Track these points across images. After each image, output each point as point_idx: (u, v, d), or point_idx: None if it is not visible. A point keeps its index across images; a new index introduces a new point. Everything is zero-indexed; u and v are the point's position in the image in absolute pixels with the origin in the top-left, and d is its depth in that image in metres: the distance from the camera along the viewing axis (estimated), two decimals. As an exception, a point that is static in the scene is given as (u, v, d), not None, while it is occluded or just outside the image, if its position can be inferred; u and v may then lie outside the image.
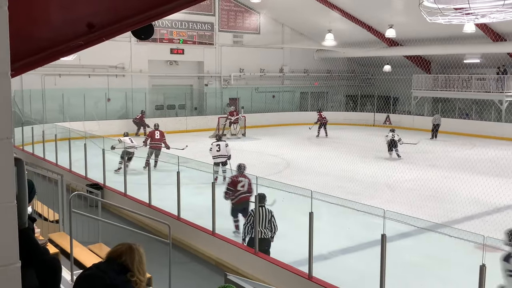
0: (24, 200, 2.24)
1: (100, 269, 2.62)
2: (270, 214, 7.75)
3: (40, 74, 22.22)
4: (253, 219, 7.63)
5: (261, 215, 7.64)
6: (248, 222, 7.84)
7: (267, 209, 7.77)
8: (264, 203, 7.84)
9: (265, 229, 7.69)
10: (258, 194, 7.77)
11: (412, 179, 13.96)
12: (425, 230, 7.58)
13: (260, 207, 7.68)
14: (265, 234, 7.70)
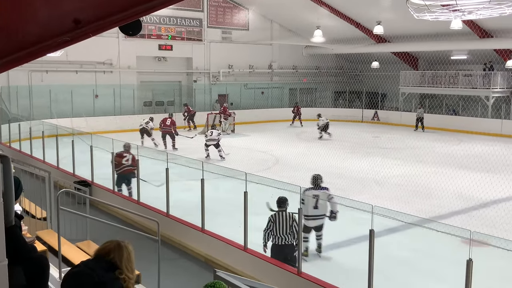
0: (10, 197, 2.22)
1: (88, 266, 2.61)
2: (291, 219, 7.24)
3: (27, 70, 22.00)
4: (273, 225, 7.22)
5: (281, 220, 7.22)
6: (268, 228, 7.33)
7: (288, 214, 7.30)
8: (286, 207, 7.36)
9: (286, 235, 7.21)
10: (279, 198, 7.35)
11: (400, 174, 14.06)
12: (413, 225, 7.64)
13: (281, 212, 7.29)
14: (287, 240, 7.23)
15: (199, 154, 16.52)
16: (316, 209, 8.24)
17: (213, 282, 3.00)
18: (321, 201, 8.21)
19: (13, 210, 2.36)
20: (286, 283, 6.82)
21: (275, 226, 7.19)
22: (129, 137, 19.67)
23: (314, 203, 8.23)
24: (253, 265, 7.59)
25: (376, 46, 27.93)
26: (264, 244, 7.39)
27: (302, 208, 7.70)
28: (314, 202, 8.23)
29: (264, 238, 7.38)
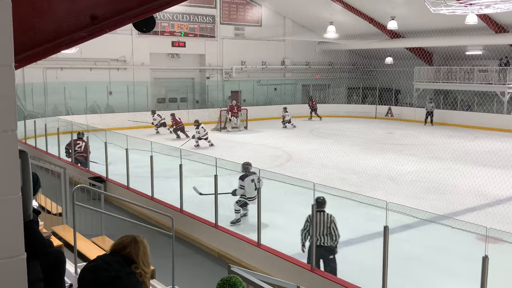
0: (28, 192, 2.25)
1: (105, 261, 2.63)
2: (330, 220, 7.10)
3: (42, 67, 22.21)
4: (310, 225, 7.10)
5: (319, 221, 7.05)
6: (305, 228, 7.22)
7: (327, 215, 7.14)
8: (324, 208, 7.22)
9: (323, 236, 7.05)
10: (317, 199, 7.16)
11: (414, 171, 13.97)
12: (427, 221, 7.59)
13: (319, 212, 7.09)
14: (324, 242, 7.05)
15: (212, 151, 16.57)
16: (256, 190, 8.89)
17: (228, 276, 3.01)
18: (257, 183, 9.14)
19: (31, 205, 2.38)
20: (299, 279, 6.82)
21: (312, 226, 7.04)
22: (143, 133, 19.81)
23: (254, 186, 9.32)
24: (266, 261, 7.60)
25: (390, 41, 27.71)
26: (302, 243, 7.28)
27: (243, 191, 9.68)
28: (254, 185, 9.33)
29: (301, 238, 7.27)
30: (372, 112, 29.23)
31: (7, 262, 1.71)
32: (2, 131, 1.64)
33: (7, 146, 1.66)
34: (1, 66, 1.63)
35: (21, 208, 1.73)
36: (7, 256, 1.71)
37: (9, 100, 1.66)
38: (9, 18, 1.64)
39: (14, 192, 1.70)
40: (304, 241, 7.25)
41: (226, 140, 20.81)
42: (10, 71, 1.65)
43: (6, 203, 1.68)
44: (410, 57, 28.68)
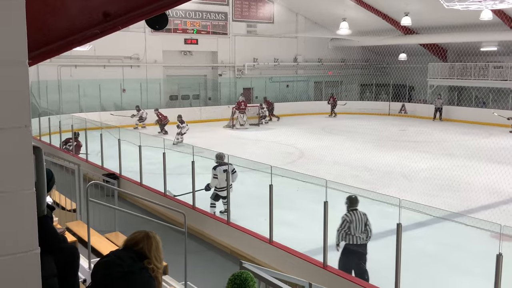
0: (42, 188, 2.27)
1: (118, 256, 2.65)
2: (365, 217, 7.02)
3: (56, 65, 22.42)
4: (349, 225, 6.90)
5: (356, 219, 6.95)
6: (343, 227, 6.99)
7: (361, 213, 7.05)
8: (357, 206, 7.09)
9: (360, 234, 6.93)
10: (349, 197, 7.11)
11: (428, 168, 13.86)
12: (441, 219, 7.53)
13: (353, 211, 7.00)
14: (361, 240, 6.95)
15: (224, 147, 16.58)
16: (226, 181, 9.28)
17: (239, 271, 3.01)
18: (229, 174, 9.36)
19: (45, 200, 2.41)
20: (311, 276, 6.81)
21: (352, 225, 6.90)
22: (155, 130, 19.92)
23: (225, 176, 9.36)
24: (278, 258, 7.61)
25: (404, 37, 27.48)
26: (337, 243, 7.08)
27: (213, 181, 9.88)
28: (225, 176, 9.37)
29: (337, 238, 7.06)
30: (385, 109, 29.05)
31: (21, 256, 1.73)
32: (16, 127, 1.66)
33: (21, 142, 1.68)
34: (15, 62, 1.65)
35: (35, 203, 1.75)
36: (21, 250, 1.73)
37: (23, 96, 1.68)
38: (22, 15, 1.66)
39: (28, 187, 1.72)
40: (339, 241, 7.06)
41: (238, 137, 20.84)
42: (24, 67, 1.67)
43: (20, 198, 1.70)
44: (424, 54, 28.43)
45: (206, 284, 6.90)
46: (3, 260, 1.69)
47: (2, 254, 1.69)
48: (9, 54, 1.63)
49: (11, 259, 1.71)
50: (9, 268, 1.71)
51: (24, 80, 1.68)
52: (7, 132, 1.65)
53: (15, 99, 1.66)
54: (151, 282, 2.63)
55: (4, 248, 1.69)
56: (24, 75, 1.67)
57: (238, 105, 24.00)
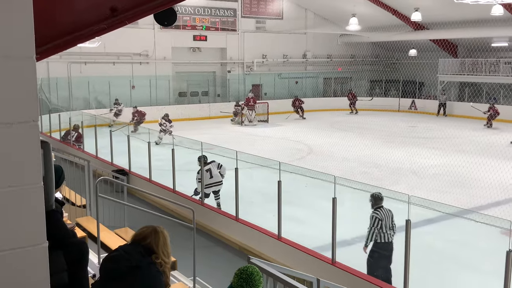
0: (50, 182, 2.29)
1: (126, 251, 2.67)
2: (391, 213, 6.91)
3: (66, 62, 22.54)
4: (381, 222, 6.75)
5: (384, 216, 6.79)
6: (375, 226, 6.81)
7: (388, 210, 6.91)
8: (382, 203, 6.96)
9: (388, 231, 6.82)
10: (373, 195, 7.02)
11: (438, 164, 13.77)
12: (451, 215, 7.50)
13: (380, 208, 6.87)
14: (389, 237, 6.84)
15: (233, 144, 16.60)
16: (212, 178, 9.95)
17: (245, 266, 3.02)
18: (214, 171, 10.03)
19: (53, 195, 2.43)
20: (320, 272, 6.81)
21: (383, 223, 6.77)
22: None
23: (209, 174, 9.94)
24: (286, 254, 7.61)
25: (414, 33, 27.29)
26: (366, 244, 6.94)
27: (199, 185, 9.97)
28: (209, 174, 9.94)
29: (367, 238, 6.90)
30: (395, 105, 28.88)
31: (29, 250, 1.75)
32: (24, 121, 1.68)
33: (29, 137, 1.70)
34: (23, 57, 1.66)
35: (42, 197, 1.77)
36: (29, 244, 1.75)
37: (30, 91, 1.69)
38: (30, 10, 1.67)
39: (36, 182, 1.74)
40: (369, 242, 6.88)
41: (247, 134, 20.85)
42: (32, 62, 1.68)
43: (28, 192, 1.72)
44: (434, 49, 28.21)
45: (214, 279, 6.92)
46: (12, 254, 1.71)
47: (11, 248, 1.71)
48: (17, 49, 1.64)
49: (20, 253, 1.73)
50: (18, 261, 1.73)
51: (32, 75, 1.69)
52: (15, 127, 1.66)
53: (23, 94, 1.67)
54: (159, 276, 2.65)
55: (12, 242, 1.71)
56: (31, 70, 1.68)
57: (247, 101, 23.98)
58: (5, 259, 1.71)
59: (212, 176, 10.03)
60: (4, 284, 1.72)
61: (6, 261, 1.71)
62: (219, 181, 10.11)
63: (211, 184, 10.04)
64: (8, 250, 1.71)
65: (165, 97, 25.81)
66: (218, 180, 10.09)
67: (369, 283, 6.42)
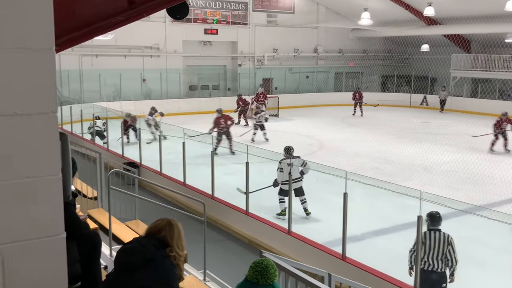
0: (68, 173, 2.30)
1: (140, 243, 2.67)
2: (447, 242, 5.89)
3: (78, 54, 22.65)
4: (422, 246, 5.94)
5: (432, 241, 5.93)
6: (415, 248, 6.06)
7: (443, 235, 5.95)
8: (439, 226, 6.04)
9: (435, 260, 5.92)
10: (429, 214, 6.07)
11: (450, 161, 13.67)
12: (463, 212, 7.43)
13: (432, 231, 5.99)
14: (436, 267, 5.93)
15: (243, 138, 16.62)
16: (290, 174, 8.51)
17: (261, 259, 3.02)
18: (295, 167, 8.93)
19: (70, 186, 2.44)
20: (330, 267, 6.80)
21: (424, 247, 5.95)
22: (175, 120, 20.03)
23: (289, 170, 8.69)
24: (297, 248, 7.62)
25: (427, 28, 27.05)
26: (410, 266, 6.15)
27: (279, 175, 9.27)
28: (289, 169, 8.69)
29: (410, 260, 6.15)
30: (406, 101, 28.69)
31: (47, 240, 1.76)
32: (43, 113, 1.68)
33: (48, 128, 1.70)
34: (42, 49, 1.66)
35: (61, 188, 1.78)
36: (48, 234, 1.76)
37: (50, 82, 1.70)
38: (50, 2, 1.67)
39: (55, 173, 1.74)
40: (413, 264, 6.10)
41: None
42: (51, 54, 1.68)
43: (46, 183, 1.73)
44: (447, 45, 27.96)
45: (225, 272, 6.94)
46: (31, 244, 1.72)
47: (30, 238, 1.72)
48: (37, 41, 1.64)
49: (38, 243, 1.74)
50: (37, 251, 1.74)
51: (51, 66, 1.69)
52: (34, 118, 1.67)
53: (42, 85, 1.68)
54: (173, 269, 2.65)
55: (31, 232, 1.72)
56: (51, 61, 1.69)
57: (257, 96, 23.91)
58: (23, 250, 1.72)
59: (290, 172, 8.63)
60: (22, 274, 1.73)
61: (24, 251, 1.72)
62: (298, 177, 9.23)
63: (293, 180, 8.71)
64: (26, 240, 1.72)
65: (175, 90, 25.86)
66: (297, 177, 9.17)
67: (379, 279, 6.40)
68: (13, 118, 1.63)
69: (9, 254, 1.68)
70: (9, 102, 1.62)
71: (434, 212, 6.11)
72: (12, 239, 1.68)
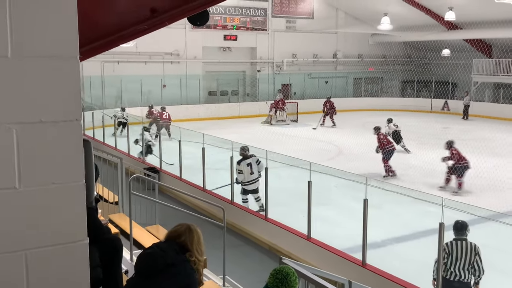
0: (91, 180, 2.34)
1: (161, 248, 2.70)
2: (475, 252, 5.77)
3: (100, 61, 22.97)
4: (447, 257, 5.79)
5: (459, 251, 5.78)
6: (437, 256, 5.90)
7: (470, 245, 5.81)
8: (465, 236, 5.91)
9: (462, 271, 5.77)
10: (455, 223, 5.95)
11: (472, 167, 13.45)
12: (485, 219, 7.31)
13: (459, 241, 5.83)
14: (464, 278, 5.79)
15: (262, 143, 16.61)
16: (252, 174, 9.48)
17: (281, 266, 3.02)
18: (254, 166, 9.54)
19: (94, 192, 2.48)
20: (350, 274, 6.75)
21: (450, 258, 5.79)
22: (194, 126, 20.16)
23: (249, 170, 9.47)
24: (316, 254, 7.58)
25: (447, 33, 26.75)
26: (435, 277, 5.98)
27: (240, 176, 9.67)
28: (249, 169, 9.47)
29: (434, 271, 5.99)
30: (427, 106, 28.38)
31: (70, 246, 1.79)
32: (68, 120, 1.72)
33: (72, 135, 1.74)
34: (67, 57, 1.70)
35: (84, 194, 1.81)
36: (71, 240, 1.79)
37: (74, 90, 1.74)
38: (74, 12, 1.71)
39: (79, 179, 1.78)
40: (434, 274, 6.01)
41: (276, 133, 20.83)
42: (76, 62, 1.72)
43: (70, 189, 1.76)
44: (468, 49, 27.59)
45: (244, 278, 6.94)
46: (54, 249, 1.76)
47: (53, 244, 1.75)
48: (61, 49, 1.68)
49: (62, 249, 1.77)
50: (60, 257, 1.77)
51: (76, 74, 1.73)
52: (59, 125, 1.70)
53: (66, 93, 1.72)
54: (192, 274, 2.67)
55: (55, 238, 1.76)
56: (75, 69, 1.72)
57: (276, 104, 23.85)
58: (47, 255, 1.75)
59: (253, 172, 9.52)
60: (46, 279, 1.76)
61: (48, 256, 1.76)
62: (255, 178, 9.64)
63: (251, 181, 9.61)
64: (50, 246, 1.75)
65: (195, 96, 26.02)
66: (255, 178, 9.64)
67: (401, 287, 6.33)
68: (38, 126, 1.67)
69: (33, 259, 1.72)
70: (34, 110, 1.66)
71: (460, 221, 5.99)
72: (36, 245, 1.72)
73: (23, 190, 1.67)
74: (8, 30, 1.60)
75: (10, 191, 1.66)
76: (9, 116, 1.63)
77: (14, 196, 1.67)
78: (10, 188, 1.66)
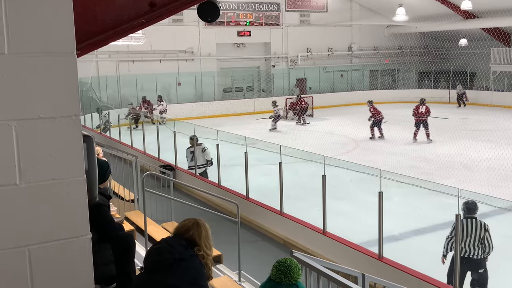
0: (94, 175, 2.34)
1: (169, 243, 2.70)
2: (484, 230, 6.10)
3: (115, 61, 23.18)
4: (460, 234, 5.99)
5: (470, 229, 6.08)
6: (452, 235, 6.18)
7: (479, 223, 6.15)
8: (475, 214, 6.22)
9: (473, 247, 6.10)
10: (465, 203, 6.24)
11: (490, 158, 13.24)
12: (504, 209, 7.19)
13: (470, 219, 6.13)
14: (474, 253, 6.10)
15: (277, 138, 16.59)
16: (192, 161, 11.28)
17: (284, 258, 3.00)
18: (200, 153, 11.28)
19: (97, 188, 2.48)
20: (366, 267, 6.69)
21: (461, 235, 6.03)
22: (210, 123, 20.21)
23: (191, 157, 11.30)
24: (332, 248, 7.53)
25: (464, 22, 26.31)
26: (444, 254, 6.35)
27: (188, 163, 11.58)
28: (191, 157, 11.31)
29: (445, 247, 6.33)
30: (445, 97, 27.98)
31: (73, 241, 1.80)
32: (66, 116, 1.72)
33: (71, 131, 1.74)
34: (64, 53, 1.70)
35: (85, 190, 1.81)
36: (73, 235, 1.80)
37: (72, 86, 1.74)
38: (70, 8, 1.71)
39: (79, 175, 1.78)
40: (447, 252, 6.32)
41: (291, 128, 20.77)
42: (72, 58, 1.72)
43: (71, 184, 1.77)
44: (486, 38, 27.12)
45: (259, 273, 6.91)
46: (57, 244, 1.76)
47: (56, 239, 1.76)
48: (58, 45, 1.68)
49: (64, 243, 1.78)
50: (62, 251, 1.78)
51: (73, 70, 1.73)
52: (57, 121, 1.71)
53: (64, 89, 1.72)
54: (201, 268, 2.66)
55: (57, 233, 1.76)
56: (72, 65, 1.72)
57: (292, 106, 23.16)
58: (49, 250, 1.76)
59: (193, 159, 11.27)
60: (49, 274, 1.77)
61: (51, 251, 1.77)
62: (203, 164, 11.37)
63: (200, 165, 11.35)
64: (52, 241, 1.76)
65: (210, 93, 26.08)
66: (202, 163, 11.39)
67: (418, 279, 6.26)
68: (37, 122, 1.68)
69: (36, 254, 1.73)
70: (33, 106, 1.67)
71: (470, 201, 6.26)
72: (38, 240, 1.73)
73: (24, 187, 1.68)
74: (5, 27, 1.61)
75: (11, 188, 1.67)
76: (8, 113, 1.64)
77: (15, 192, 1.68)
78: (11, 185, 1.67)
